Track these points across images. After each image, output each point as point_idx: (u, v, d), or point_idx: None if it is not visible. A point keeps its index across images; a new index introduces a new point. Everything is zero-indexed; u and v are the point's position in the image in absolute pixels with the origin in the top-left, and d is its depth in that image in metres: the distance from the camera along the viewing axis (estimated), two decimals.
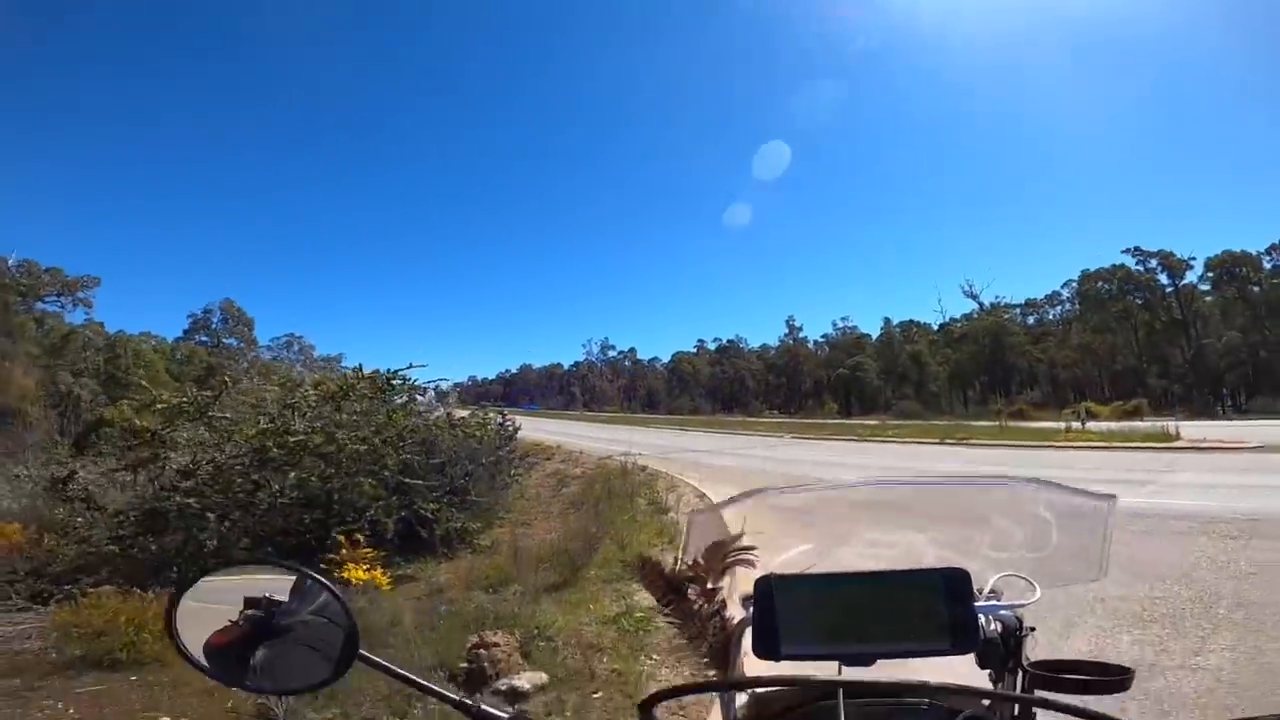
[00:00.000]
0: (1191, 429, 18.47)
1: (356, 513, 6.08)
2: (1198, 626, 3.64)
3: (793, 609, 0.71)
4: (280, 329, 54.71)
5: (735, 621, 0.84)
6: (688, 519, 0.95)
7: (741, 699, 0.81)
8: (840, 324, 63.44)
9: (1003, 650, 0.77)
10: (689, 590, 0.87)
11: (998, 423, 24.49)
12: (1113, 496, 0.92)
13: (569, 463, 15.25)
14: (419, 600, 4.99)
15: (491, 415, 9.87)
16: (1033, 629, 0.82)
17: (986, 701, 0.74)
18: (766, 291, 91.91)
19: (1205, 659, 3.16)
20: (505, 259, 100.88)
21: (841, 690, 0.65)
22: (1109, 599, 4.21)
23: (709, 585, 0.86)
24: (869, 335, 61.24)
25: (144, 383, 11.36)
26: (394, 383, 7.39)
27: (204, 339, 44.19)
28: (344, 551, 5.25)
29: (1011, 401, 39.87)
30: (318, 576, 0.77)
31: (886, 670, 0.72)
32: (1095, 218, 68.40)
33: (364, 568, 5.08)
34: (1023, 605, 0.83)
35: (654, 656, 3.74)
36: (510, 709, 0.71)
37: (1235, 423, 25.42)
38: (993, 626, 0.78)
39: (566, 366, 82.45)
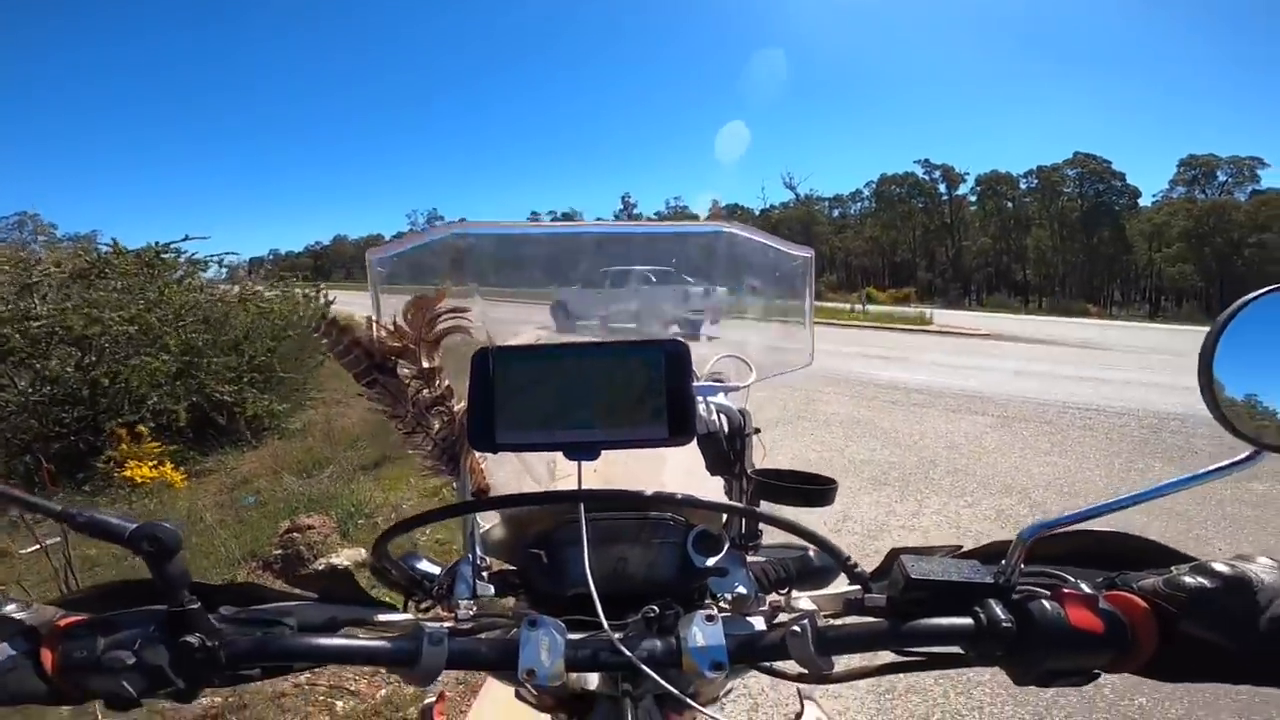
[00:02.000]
0: (944, 316, 22.46)
1: (134, 404, 5.39)
2: (918, 490, 4.60)
3: (513, 389, 0.60)
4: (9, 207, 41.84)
5: (460, 410, 0.72)
6: (368, 257, 0.73)
7: (493, 519, 0.73)
8: (673, 203, 65.10)
9: (726, 450, 0.74)
10: (398, 367, 0.71)
11: None
12: (810, 251, 0.88)
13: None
14: (221, 495, 4.70)
15: (298, 289, 8.96)
16: (758, 430, 0.79)
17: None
18: (602, 166, 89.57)
19: (919, 520, 4.06)
20: (309, 122, 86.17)
21: (583, 507, 0.60)
22: (857, 462, 5.19)
23: (424, 363, 0.70)
24: (697, 216, 63.85)
25: None
26: (163, 256, 6.30)
27: None
28: (124, 448, 4.70)
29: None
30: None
31: (614, 466, 0.66)
32: (907, 128, 75.06)
33: (150, 464, 4.61)
34: (741, 386, 0.79)
35: None
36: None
37: (975, 313, 30.99)
38: (713, 417, 0.74)
39: (388, 238, 74.99)
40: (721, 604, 0.64)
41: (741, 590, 0.64)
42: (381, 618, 0.62)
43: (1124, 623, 0.51)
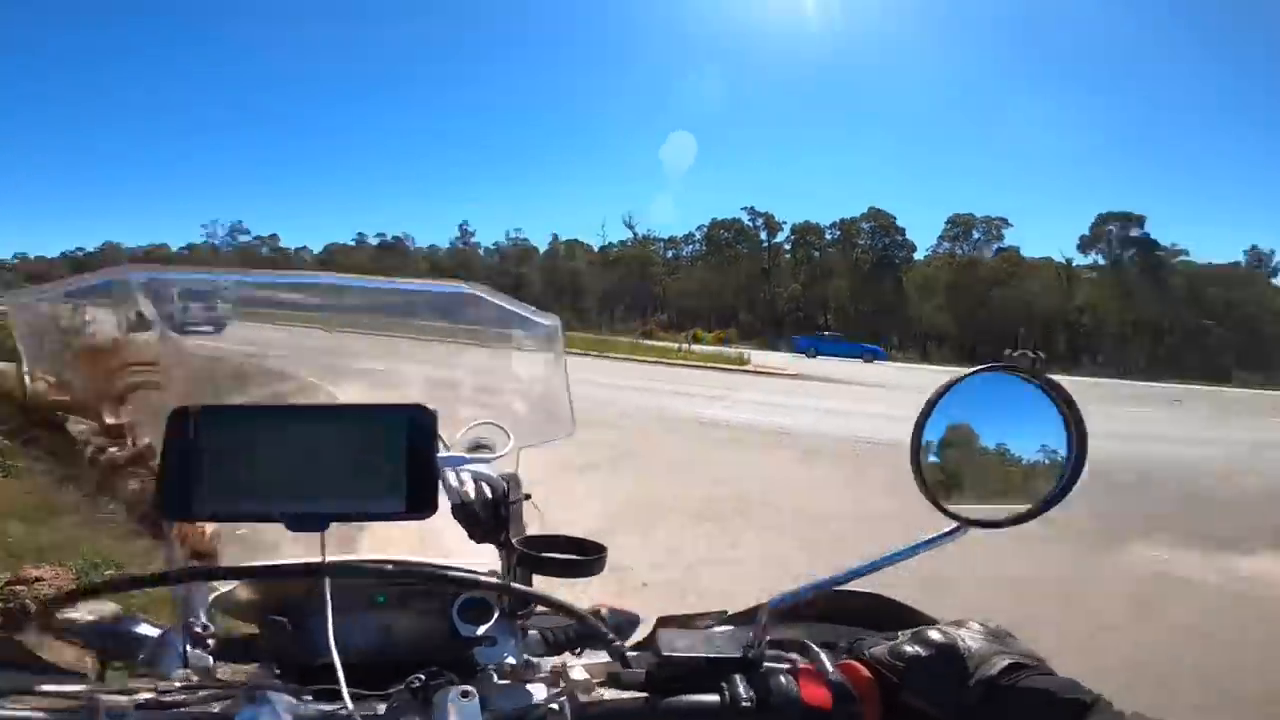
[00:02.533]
0: (760, 356, 24.61)
1: None
2: (734, 525, 4.85)
3: (217, 452, 0.55)
4: None
5: None
6: (6, 300, 0.65)
7: (225, 587, 0.67)
8: (513, 234, 64.30)
9: (483, 518, 0.69)
10: (68, 424, 0.63)
11: (632, 340, 28.64)
12: (556, 318, 0.83)
13: None
14: None
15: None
16: (528, 496, 0.74)
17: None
18: (437, 192, 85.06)
19: (736, 552, 4.27)
20: (87, 101, 72.20)
21: (327, 580, 0.54)
22: (679, 498, 5.37)
23: (106, 419, 0.64)
24: (537, 249, 63.63)
25: None
26: None
27: None
28: None
29: (645, 322, 46.56)
30: None
31: (344, 534, 0.61)
32: (738, 172, 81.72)
33: None
34: (494, 458, 0.74)
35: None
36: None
37: (786, 355, 34.25)
38: (469, 488, 0.68)
39: (176, 249, 64.23)
40: (493, 673, 0.60)
41: (510, 660, 0.62)
42: (49, 687, 0.53)
43: (853, 696, 0.55)
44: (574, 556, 0.70)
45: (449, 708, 0.51)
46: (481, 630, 0.64)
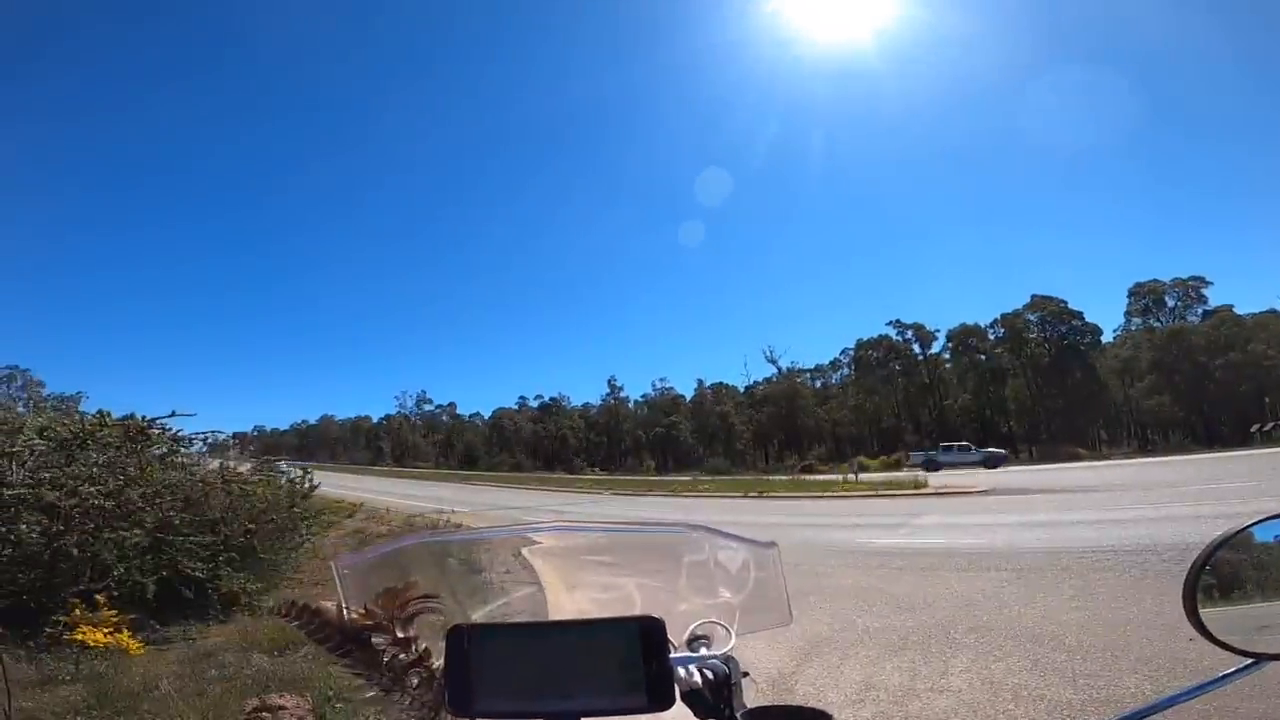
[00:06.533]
0: (937, 477, 22.17)
1: (99, 572, 5.29)
2: (941, 651, 4.26)
3: (489, 660, 0.68)
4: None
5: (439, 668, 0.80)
6: (335, 564, 0.88)
7: None
8: (658, 384, 66.64)
9: (711, 701, 0.77)
10: (372, 639, 0.82)
11: (791, 476, 27.34)
12: (774, 544, 0.96)
13: (373, 520, 14.22)
14: (182, 665, 4.40)
15: (281, 470, 8.87)
16: (746, 674, 0.82)
17: None
18: (589, 350, 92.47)
19: (948, 680, 3.71)
20: (303, 301, 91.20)
21: None
22: (873, 630, 4.83)
23: (398, 634, 0.82)
24: (684, 396, 65.01)
25: None
26: (150, 431, 6.33)
27: None
28: (77, 613, 4.61)
29: (803, 457, 44.57)
30: None
31: None
32: (874, 290, 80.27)
33: (105, 630, 4.53)
34: (718, 655, 0.82)
35: None
36: None
37: (967, 471, 30.79)
38: (695, 678, 0.77)
39: (376, 419, 75.58)
40: None
41: None
42: None
43: None
44: None
45: None
46: None
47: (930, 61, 71.04)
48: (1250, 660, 0.57)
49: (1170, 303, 46.02)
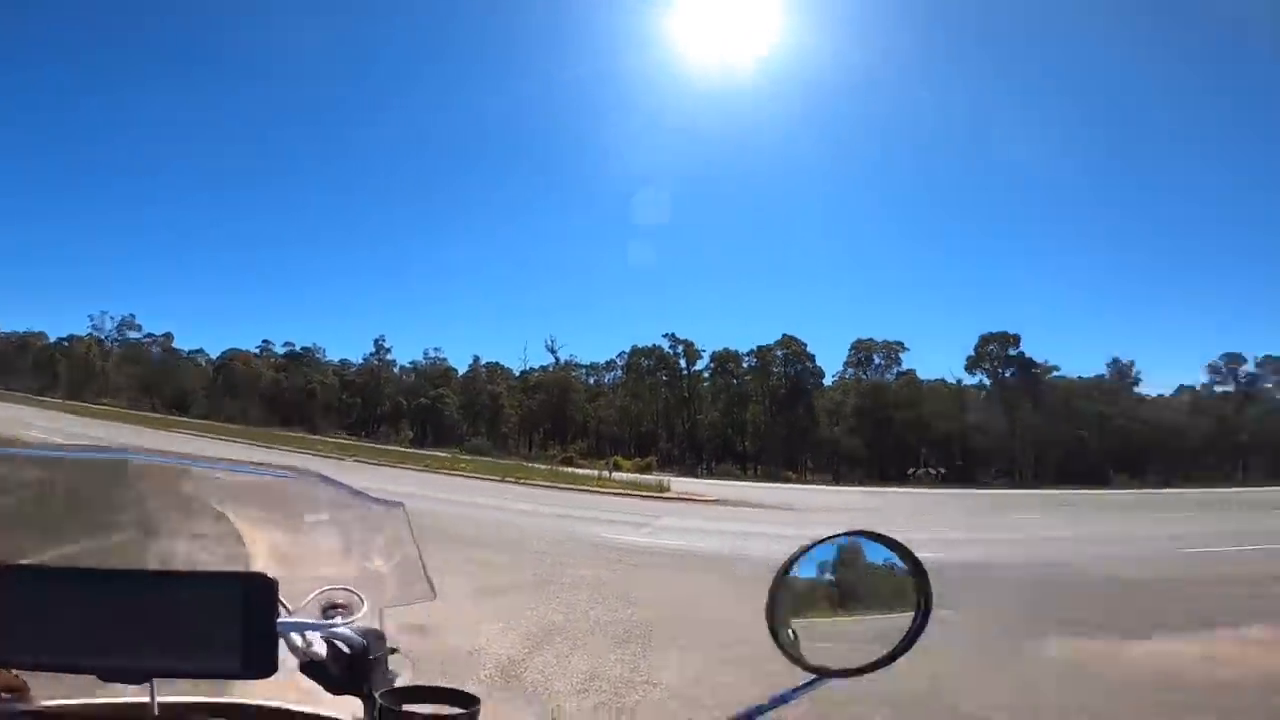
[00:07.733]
0: (680, 484, 24.56)
1: None
2: (661, 644, 4.63)
3: (34, 608, 0.59)
4: None
5: None
6: None
7: None
8: (431, 353, 63.21)
9: (340, 675, 0.70)
10: None
11: (551, 467, 27.92)
12: (400, 504, 0.89)
13: None
14: None
15: None
16: (395, 650, 0.75)
17: None
18: (354, 302, 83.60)
19: (658, 675, 4.05)
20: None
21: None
22: (604, 622, 5.09)
23: None
24: (456, 370, 62.54)
25: None
26: None
27: None
28: None
29: (565, 449, 45.83)
30: None
31: (172, 689, 0.66)
32: (658, 301, 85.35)
33: None
34: (351, 625, 0.76)
35: None
36: None
37: (707, 481, 34.42)
38: (317, 648, 0.70)
39: (54, 339, 59.12)
40: None
41: None
42: None
43: None
44: (445, 707, 0.71)
45: None
46: None
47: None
48: (814, 676, 0.62)
49: (877, 360, 56.45)
